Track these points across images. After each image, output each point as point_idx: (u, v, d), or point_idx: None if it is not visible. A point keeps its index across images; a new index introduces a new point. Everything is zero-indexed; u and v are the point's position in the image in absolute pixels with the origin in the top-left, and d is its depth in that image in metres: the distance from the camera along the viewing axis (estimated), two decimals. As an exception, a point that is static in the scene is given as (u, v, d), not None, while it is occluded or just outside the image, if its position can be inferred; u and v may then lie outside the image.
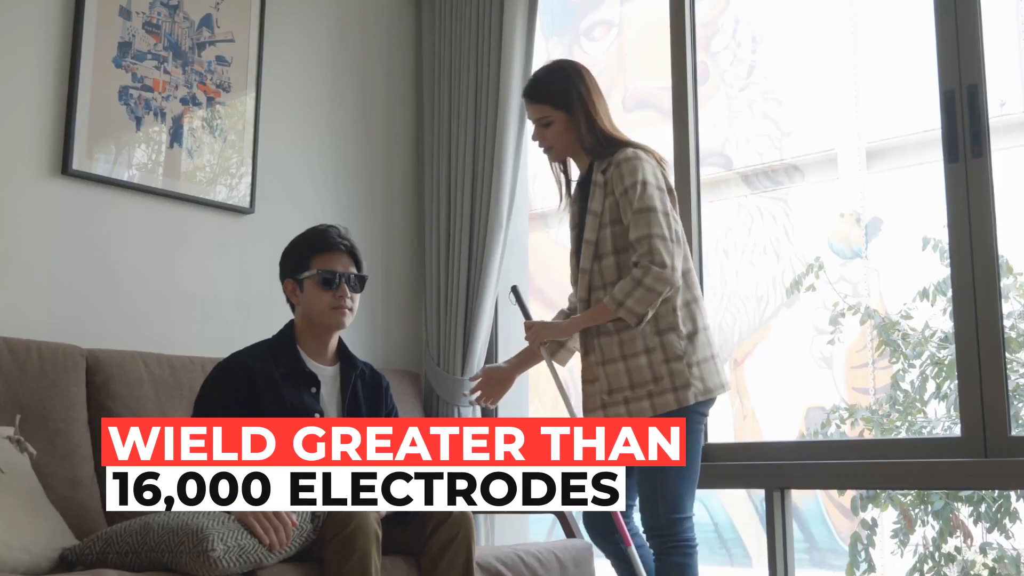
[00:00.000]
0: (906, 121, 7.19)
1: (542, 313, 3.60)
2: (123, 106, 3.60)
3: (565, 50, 8.83)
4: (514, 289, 3.43)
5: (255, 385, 2.87)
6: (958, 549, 4.55)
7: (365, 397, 3.08)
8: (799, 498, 6.96)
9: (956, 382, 4.47)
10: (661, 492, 2.91)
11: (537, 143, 3.17)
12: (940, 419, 4.74)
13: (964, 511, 4.48)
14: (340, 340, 3.11)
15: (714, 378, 2.98)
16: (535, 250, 5.93)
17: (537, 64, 4.24)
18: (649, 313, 2.90)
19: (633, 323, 2.92)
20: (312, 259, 3.02)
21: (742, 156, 8.02)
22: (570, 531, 3.77)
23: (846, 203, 7.57)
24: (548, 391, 4.17)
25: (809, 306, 6.86)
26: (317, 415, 2.90)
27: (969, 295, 3.17)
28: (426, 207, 4.45)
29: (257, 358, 2.94)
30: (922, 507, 4.52)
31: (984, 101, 3.21)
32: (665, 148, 3.08)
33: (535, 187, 5.93)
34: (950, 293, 4.97)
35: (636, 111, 8.28)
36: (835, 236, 7.62)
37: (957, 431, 3.13)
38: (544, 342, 3.22)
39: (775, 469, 3.44)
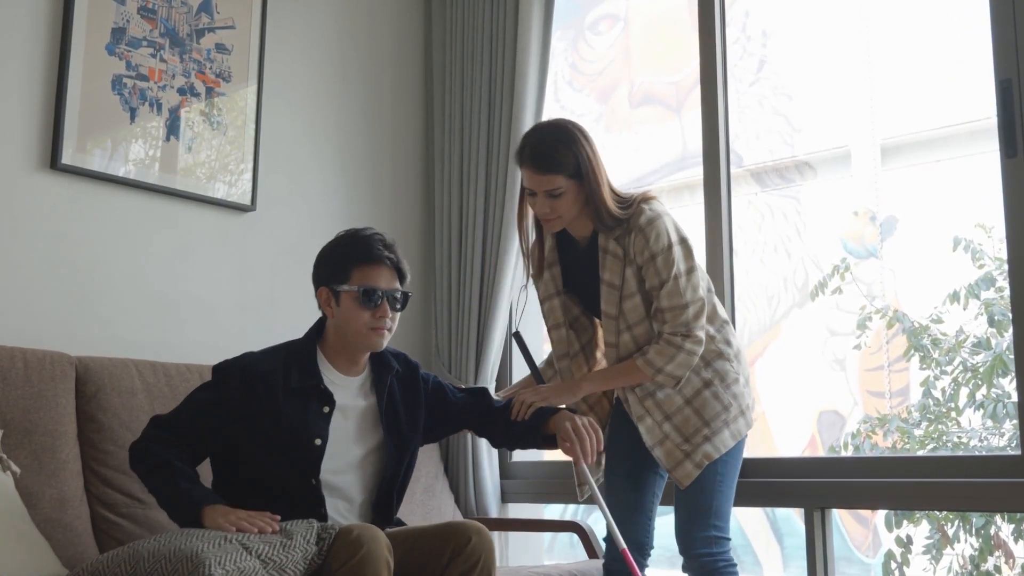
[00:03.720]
0: (922, 117, 7.03)
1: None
2: (116, 96, 3.37)
3: (570, 44, 8.65)
4: (516, 335, 3.13)
5: (252, 396, 2.61)
6: (998, 568, 4.31)
7: (403, 400, 2.80)
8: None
9: (991, 390, 4.29)
10: (714, 510, 2.82)
11: (538, 215, 2.90)
12: (975, 430, 4.51)
13: (1006, 528, 4.25)
14: None
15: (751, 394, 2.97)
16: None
17: (555, 56, 4.04)
18: (685, 375, 2.82)
19: (671, 385, 2.84)
20: (352, 271, 2.68)
21: (752, 152, 7.86)
22: (592, 550, 3.54)
23: (860, 201, 7.41)
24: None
25: (822, 307, 6.67)
26: (318, 441, 2.62)
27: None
28: (436, 203, 4.23)
29: (267, 365, 2.66)
30: (960, 522, 4.30)
31: (1045, 91, 2.98)
32: (671, 144, 2.87)
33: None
34: (984, 296, 4.79)
35: (642, 106, 8.11)
36: (849, 235, 7.46)
37: (995, 442, 2.91)
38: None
39: (815, 487, 3.22)
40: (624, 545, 2.67)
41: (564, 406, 2.89)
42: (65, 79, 3.24)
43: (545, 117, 4.07)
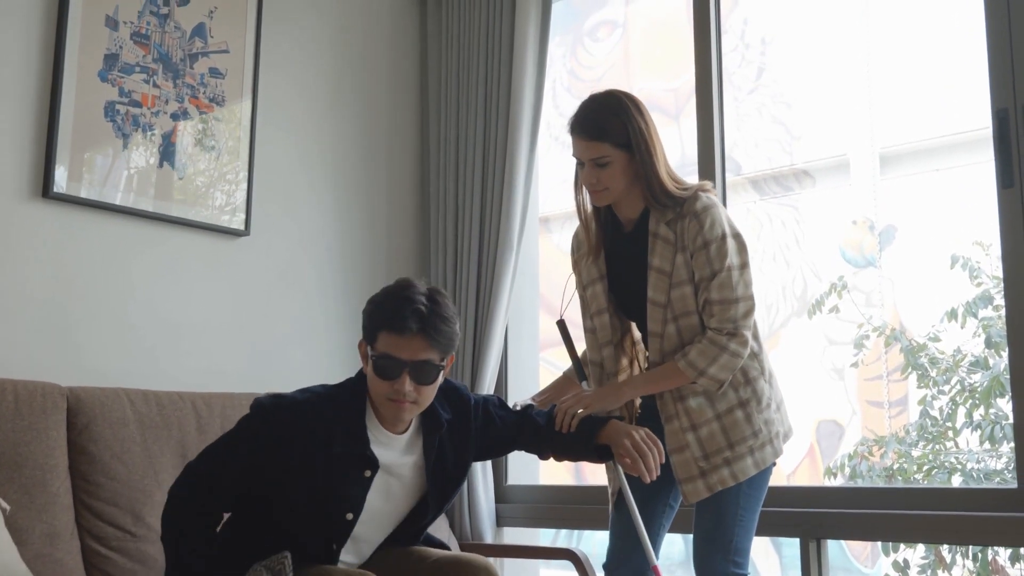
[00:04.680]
0: (921, 126, 7.02)
1: (546, 321, 3.25)
2: (109, 123, 3.35)
3: (568, 50, 8.64)
4: (560, 324, 2.96)
5: (291, 454, 2.41)
6: (996, 593, 4.31)
7: (452, 448, 2.62)
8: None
9: (989, 411, 4.28)
10: (734, 545, 2.70)
11: (586, 185, 2.77)
12: (973, 452, 4.50)
13: (1004, 553, 4.23)
14: None
15: (788, 420, 2.82)
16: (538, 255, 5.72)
17: (550, 67, 4.01)
18: (729, 379, 2.68)
19: (714, 389, 2.69)
20: (379, 335, 2.43)
21: (751, 161, 7.84)
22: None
23: (859, 210, 7.39)
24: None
25: (821, 316, 6.66)
26: (350, 516, 2.47)
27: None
28: (432, 223, 4.21)
29: (313, 420, 2.44)
30: (957, 546, 4.27)
31: (1041, 121, 2.97)
32: (671, 151, 2.79)
33: (538, 191, 5.71)
34: (982, 314, 4.78)
35: (641, 113, 8.07)
36: (847, 244, 7.45)
37: (992, 464, 2.89)
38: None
39: (811, 517, 3.20)
40: (656, 561, 2.62)
41: (609, 413, 2.77)
42: (57, 106, 3.22)
43: (543, 134, 4.06)
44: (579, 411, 2.71)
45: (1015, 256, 2.98)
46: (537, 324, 4.35)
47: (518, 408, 2.82)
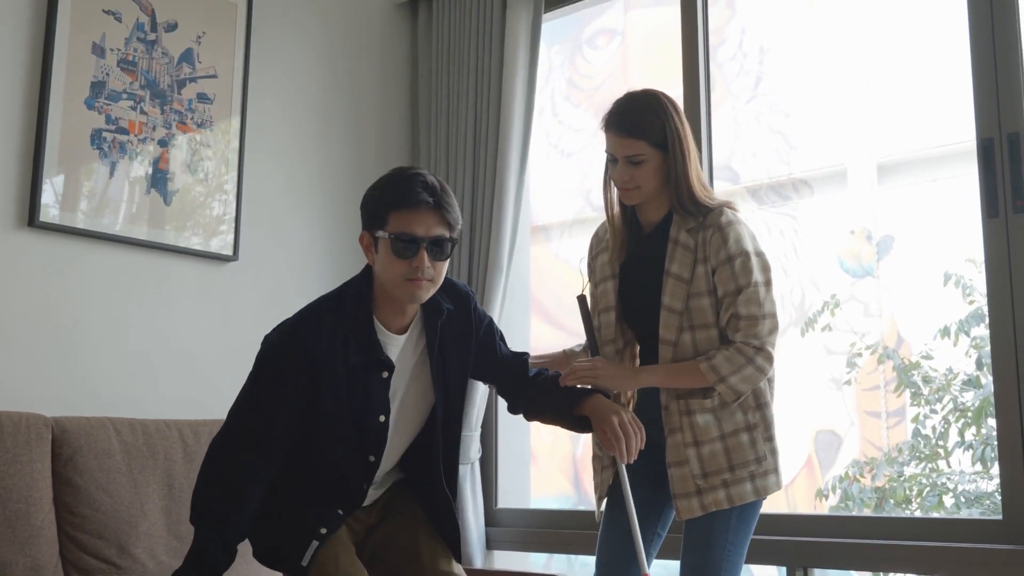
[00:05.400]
0: (918, 136, 7.00)
1: (543, 328, 3.22)
2: (96, 150, 3.36)
3: (567, 59, 8.62)
4: (581, 299, 2.88)
5: (318, 378, 2.40)
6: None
7: (454, 344, 2.58)
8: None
9: (980, 431, 4.27)
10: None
11: (617, 182, 2.72)
12: (964, 473, 4.49)
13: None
14: None
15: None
16: (536, 263, 5.71)
17: (541, 81, 4.00)
18: (746, 393, 2.63)
19: (730, 399, 2.62)
20: (389, 215, 2.40)
21: (749, 170, 7.82)
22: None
23: (857, 220, 7.37)
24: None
25: (814, 334, 6.65)
26: (382, 417, 2.46)
27: (1011, 367, 2.92)
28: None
29: (325, 339, 2.41)
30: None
31: (1026, 150, 2.96)
32: None
33: (536, 200, 5.70)
34: (974, 332, 4.76)
35: (640, 122, 8.07)
36: (845, 253, 7.43)
37: (985, 486, 2.88)
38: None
39: (798, 547, 3.20)
40: (647, 570, 2.59)
41: (605, 392, 2.69)
42: (43, 135, 3.23)
43: (542, 143, 4.05)
44: (588, 380, 2.66)
45: (999, 285, 2.98)
46: (528, 335, 4.34)
47: None
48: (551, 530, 3.88)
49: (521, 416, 2.81)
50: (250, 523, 2.44)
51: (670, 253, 2.68)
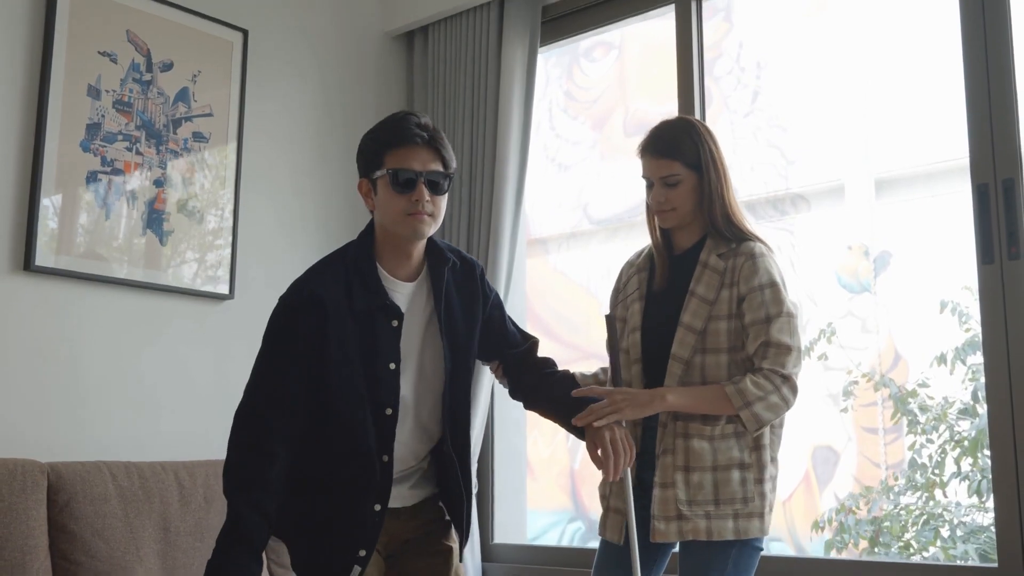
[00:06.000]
0: (916, 151, 7.00)
1: (540, 341, 3.13)
2: (91, 192, 3.36)
3: (564, 71, 8.62)
4: (609, 319, 2.83)
5: (327, 326, 2.39)
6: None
7: (459, 295, 2.58)
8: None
9: (977, 462, 4.26)
10: None
11: (653, 204, 2.73)
12: (960, 504, 4.49)
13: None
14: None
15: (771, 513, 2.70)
16: (534, 277, 5.71)
17: (538, 93, 4.02)
18: (766, 425, 2.58)
19: (751, 430, 2.58)
20: (385, 155, 2.45)
21: (746, 184, 7.82)
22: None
23: (854, 235, 7.37)
24: (545, 423, 3.82)
25: (816, 328, 6.65)
26: (392, 365, 2.43)
27: (1007, 412, 2.92)
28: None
29: (331, 287, 2.43)
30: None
31: (1022, 196, 2.97)
32: None
33: (533, 213, 5.69)
34: (970, 361, 4.76)
35: (637, 134, 8.05)
36: (843, 269, 7.43)
37: (981, 519, 2.88)
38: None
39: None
40: None
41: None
42: (39, 179, 3.23)
43: (540, 155, 4.05)
44: (609, 417, 2.57)
45: (994, 329, 2.98)
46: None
47: None
48: (548, 567, 3.88)
49: (517, 432, 2.78)
50: (280, 489, 2.39)
51: (697, 275, 2.69)
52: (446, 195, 2.50)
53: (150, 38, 3.55)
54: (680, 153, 2.68)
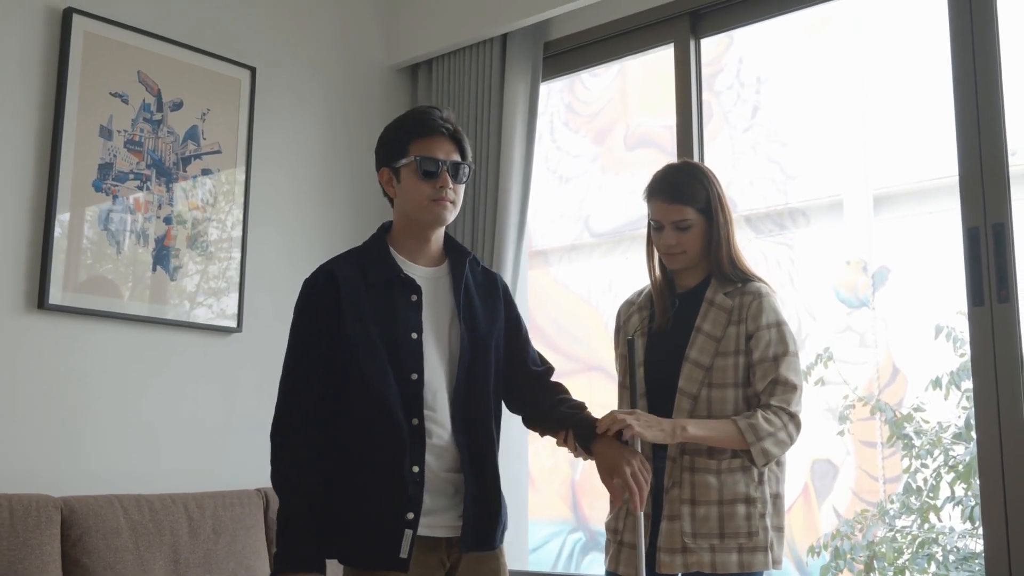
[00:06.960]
0: (915, 167, 7.04)
1: (542, 352, 3.16)
2: (103, 231, 3.44)
3: (566, 85, 8.67)
4: (630, 343, 2.84)
5: (339, 296, 2.47)
6: None
7: (480, 295, 2.63)
8: None
9: (970, 489, 4.32)
10: None
11: (663, 248, 2.82)
12: (953, 530, 4.55)
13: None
14: (447, 234, 2.66)
15: (782, 548, 2.74)
16: (536, 288, 5.76)
17: (550, 97, 4.11)
18: (772, 461, 2.65)
19: (759, 464, 2.63)
20: (410, 145, 2.56)
21: (746, 199, 7.87)
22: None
23: (853, 250, 7.42)
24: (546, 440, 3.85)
25: (813, 352, 6.70)
26: (414, 335, 2.48)
27: (996, 456, 3.00)
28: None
29: (344, 266, 2.53)
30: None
31: (1011, 241, 3.04)
32: None
33: (534, 225, 5.74)
34: (965, 385, 4.83)
35: (637, 149, 8.12)
36: (841, 284, 7.47)
37: (973, 545, 2.95)
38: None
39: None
40: None
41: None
42: (52, 219, 3.31)
43: (541, 168, 4.12)
44: (626, 431, 2.57)
45: (984, 371, 3.05)
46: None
47: None
48: (548, 593, 3.94)
49: (515, 453, 2.77)
50: (324, 467, 2.45)
51: (703, 312, 2.77)
52: (464, 184, 2.60)
53: (161, 78, 3.63)
54: (692, 199, 2.78)
